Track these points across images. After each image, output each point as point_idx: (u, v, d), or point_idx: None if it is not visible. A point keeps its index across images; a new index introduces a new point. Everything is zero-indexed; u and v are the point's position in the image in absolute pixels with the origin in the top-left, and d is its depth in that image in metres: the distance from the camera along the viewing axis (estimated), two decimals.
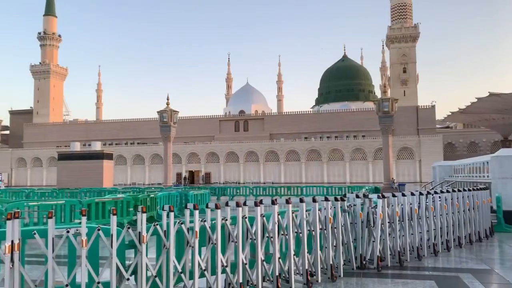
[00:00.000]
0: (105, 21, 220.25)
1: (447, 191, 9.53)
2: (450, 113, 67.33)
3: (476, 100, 52.51)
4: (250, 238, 5.84)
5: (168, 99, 41.21)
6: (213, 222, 5.54)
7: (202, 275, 5.36)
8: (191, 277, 5.28)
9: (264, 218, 6.01)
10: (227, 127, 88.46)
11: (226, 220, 5.67)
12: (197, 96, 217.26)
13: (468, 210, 10.01)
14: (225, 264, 5.47)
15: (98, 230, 4.79)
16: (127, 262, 5.05)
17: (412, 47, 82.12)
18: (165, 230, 5.21)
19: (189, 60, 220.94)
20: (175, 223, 5.26)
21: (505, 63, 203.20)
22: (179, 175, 78.44)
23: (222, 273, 5.44)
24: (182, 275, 5.23)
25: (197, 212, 5.30)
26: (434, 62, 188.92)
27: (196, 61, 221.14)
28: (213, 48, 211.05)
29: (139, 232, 4.97)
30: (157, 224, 5.16)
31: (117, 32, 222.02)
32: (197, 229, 5.24)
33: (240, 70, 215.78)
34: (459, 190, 9.91)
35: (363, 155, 74.45)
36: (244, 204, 5.91)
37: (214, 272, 5.43)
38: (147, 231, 5.07)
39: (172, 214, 5.20)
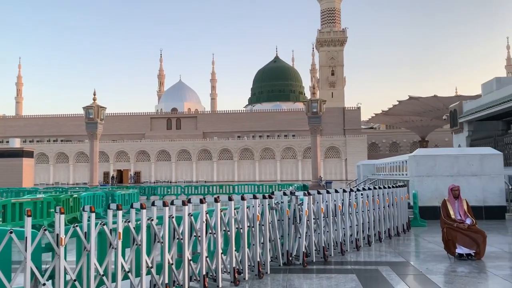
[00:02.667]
0: (27, 11, 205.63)
1: (369, 189, 10.05)
2: (374, 115, 71.24)
3: (397, 103, 56.01)
4: (177, 238, 5.76)
5: (94, 94, 39.39)
6: (138, 222, 5.39)
7: (126, 277, 5.19)
8: (114, 279, 5.09)
9: (192, 217, 5.95)
10: (158, 125, 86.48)
11: (152, 220, 5.53)
12: (127, 92, 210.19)
13: (388, 206, 10.62)
14: (150, 265, 5.34)
15: (11, 233, 4.46)
16: (44, 266, 4.76)
17: (340, 51, 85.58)
18: (85, 232, 4.97)
19: (120, 55, 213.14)
20: (97, 224, 5.04)
21: (424, 68, 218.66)
22: (106, 174, 75.42)
23: (147, 274, 5.31)
24: (104, 277, 5.02)
25: (120, 212, 5.12)
26: (360, 66, 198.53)
27: (127, 56, 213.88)
28: (144, 43, 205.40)
29: (57, 234, 4.69)
30: (77, 226, 4.91)
31: (41, 23, 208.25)
32: (120, 230, 5.06)
33: (173, 67, 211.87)
34: (380, 188, 10.49)
35: (293, 154, 76.44)
36: (171, 203, 5.81)
37: (138, 274, 5.28)
38: (66, 232, 4.81)
39: (93, 215, 4.97)
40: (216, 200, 6.24)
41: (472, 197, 13.25)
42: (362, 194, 9.58)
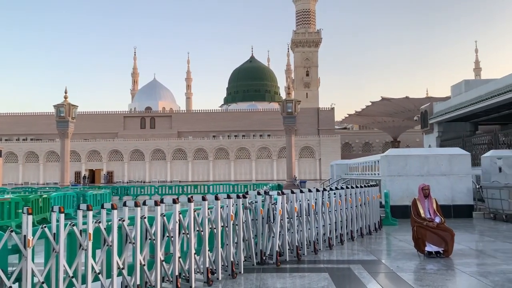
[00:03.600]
0: None
1: (342, 188, 10.18)
2: (347, 115, 72.29)
3: (370, 103, 56.98)
4: (150, 239, 5.69)
5: (66, 92, 38.48)
6: (109, 223, 5.30)
7: (96, 278, 5.09)
8: (84, 281, 4.99)
9: (165, 217, 5.89)
10: (132, 124, 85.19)
11: (124, 220, 5.45)
12: (100, 91, 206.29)
13: (360, 205, 10.79)
14: (121, 266, 5.26)
15: None
16: (11, 269, 4.62)
17: (315, 52, 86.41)
18: (54, 233, 4.85)
19: (93, 53, 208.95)
20: (66, 224, 4.93)
21: (397, 70, 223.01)
22: (78, 174, 73.85)
23: (118, 275, 5.23)
24: (74, 279, 4.91)
25: (91, 213, 5.02)
26: (334, 67, 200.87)
27: (100, 54, 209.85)
28: (118, 41, 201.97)
29: (25, 236, 4.57)
30: (45, 227, 4.79)
31: (12, 20, 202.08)
32: (90, 231, 4.96)
33: (148, 66, 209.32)
34: (352, 187, 10.64)
35: (268, 154, 76.71)
36: (144, 203, 5.74)
37: (109, 275, 5.19)
38: (34, 234, 4.68)
39: (62, 215, 4.86)
40: (189, 200, 6.20)
41: (441, 196, 13.62)
42: (335, 194, 9.69)
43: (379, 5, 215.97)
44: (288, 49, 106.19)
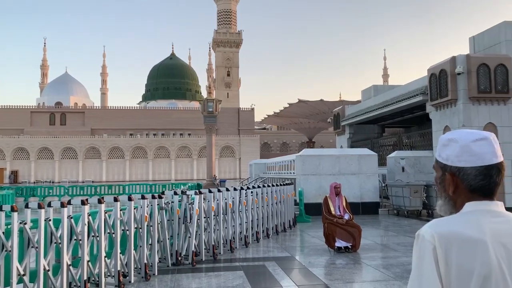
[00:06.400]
0: None
1: (258, 187, 10.38)
2: (266, 116, 73.80)
3: (288, 105, 58.75)
4: (55, 242, 5.35)
5: None
6: (8, 226, 4.89)
7: None
8: None
9: (72, 220, 5.57)
10: (40, 120, 79.25)
11: (25, 223, 5.06)
12: (5, 83, 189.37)
13: (276, 203, 11.08)
14: (22, 272, 4.87)
15: None
16: None
17: (236, 52, 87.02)
18: None
19: None
20: None
21: (314, 73, 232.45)
22: None
23: (18, 283, 4.84)
24: None
25: None
26: (254, 68, 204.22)
27: (6, 44, 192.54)
28: (27, 32, 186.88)
29: None
30: None
31: None
32: None
33: (59, 58, 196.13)
34: (268, 186, 10.89)
35: (189, 153, 75.88)
36: (49, 205, 5.38)
37: (8, 283, 4.79)
38: None
39: None
40: (100, 201, 5.92)
41: (351, 194, 14.44)
42: (252, 192, 9.85)
43: (297, 10, 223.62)
44: (210, 48, 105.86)
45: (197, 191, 8.00)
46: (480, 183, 1.28)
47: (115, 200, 6.16)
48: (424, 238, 1.23)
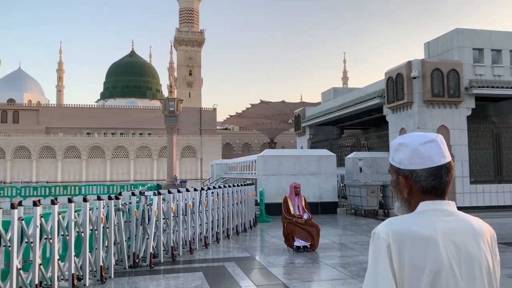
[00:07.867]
0: None
1: (219, 187, 10.34)
2: (228, 116, 73.64)
3: (250, 106, 58.90)
4: (4, 245, 5.10)
5: None
6: None
7: None
8: None
9: (23, 221, 5.33)
10: None
11: None
12: None
13: (237, 204, 11.08)
14: None
15: None
16: None
17: (198, 52, 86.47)
18: None
19: None
20: None
21: (276, 74, 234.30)
22: None
23: None
24: None
25: None
26: (217, 68, 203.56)
27: None
28: None
29: None
30: None
31: None
32: None
33: (11, 53, 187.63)
34: (229, 186, 10.87)
35: (149, 153, 74.58)
36: None
37: None
38: None
39: None
40: (53, 202, 5.70)
41: (310, 194, 14.65)
42: (212, 193, 9.80)
43: (261, 13, 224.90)
44: (171, 46, 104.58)
45: (155, 192, 7.86)
46: (431, 184, 1.32)
47: (69, 201, 5.96)
48: (379, 236, 1.26)
